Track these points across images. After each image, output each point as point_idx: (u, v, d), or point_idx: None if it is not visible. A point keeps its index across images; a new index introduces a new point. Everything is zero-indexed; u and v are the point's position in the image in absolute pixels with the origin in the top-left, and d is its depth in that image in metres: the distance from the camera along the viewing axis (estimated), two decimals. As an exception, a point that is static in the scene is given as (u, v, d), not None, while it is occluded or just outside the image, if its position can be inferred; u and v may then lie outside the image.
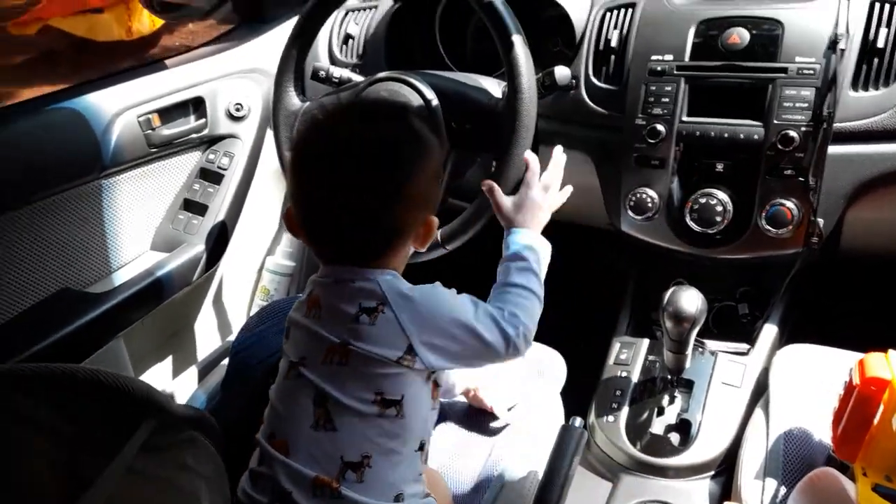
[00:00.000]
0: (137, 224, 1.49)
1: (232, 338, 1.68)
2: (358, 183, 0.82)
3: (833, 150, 1.14)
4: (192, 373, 1.62)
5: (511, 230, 1.03)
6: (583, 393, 1.30)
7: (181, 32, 4.94)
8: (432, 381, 0.88)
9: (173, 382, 1.60)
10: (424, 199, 0.87)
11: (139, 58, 4.75)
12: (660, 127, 1.21)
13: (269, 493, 0.84)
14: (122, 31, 4.70)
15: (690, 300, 1.14)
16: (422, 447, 0.87)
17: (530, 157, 1.09)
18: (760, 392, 1.20)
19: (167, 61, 1.58)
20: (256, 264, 1.76)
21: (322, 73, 1.35)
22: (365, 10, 1.59)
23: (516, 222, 1.04)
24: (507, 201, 1.06)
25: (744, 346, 1.31)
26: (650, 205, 1.25)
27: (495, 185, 1.07)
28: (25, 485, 0.58)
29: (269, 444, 0.85)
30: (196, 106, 1.55)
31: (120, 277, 1.44)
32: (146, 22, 4.73)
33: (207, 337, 1.67)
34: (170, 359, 1.61)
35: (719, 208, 1.20)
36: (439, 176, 0.91)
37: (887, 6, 1.13)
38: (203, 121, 1.55)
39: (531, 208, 1.05)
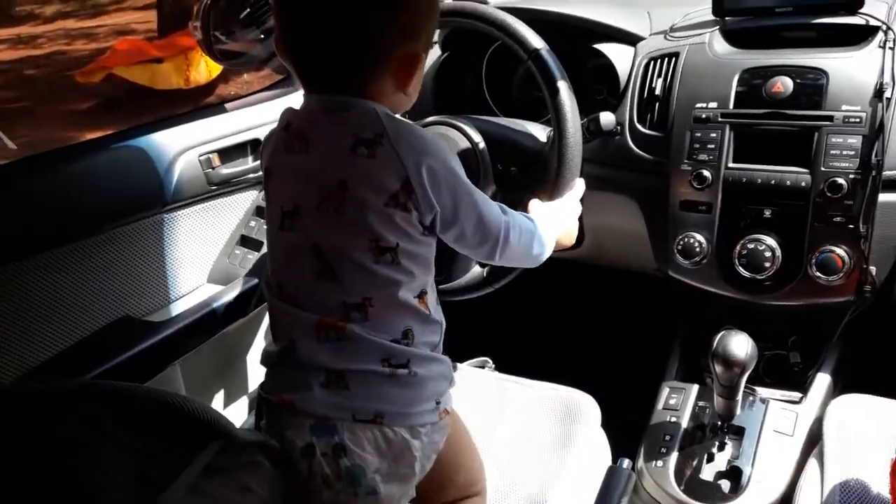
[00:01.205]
0: (196, 257, 1.55)
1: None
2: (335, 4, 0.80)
3: (884, 197, 1.14)
4: (243, 402, 1.65)
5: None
6: (630, 436, 1.29)
7: (236, 82, 5.15)
8: (433, 235, 0.88)
9: (226, 411, 1.63)
10: (409, 29, 0.84)
11: (196, 105, 4.96)
12: (706, 173, 1.23)
13: (280, 344, 0.87)
14: (180, 80, 4.92)
15: (740, 345, 1.14)
16: (422, 295, 0.87)
17: (578, 180, 1.15)
18: (814, 442, 1.18)
19: (227, 105, 1.66)
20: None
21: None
22: (416, 58, 1.65)
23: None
24: (538, 202, 1.12)
25: (796, 395, 1.29)
26: (698, 249, 1.26)
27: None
28: (100, 494, 0.61)
29: (279, 297, 0.88)
30: (254, 147, 1.61)
31: (178, 308, 1.48)
32: (203, 72, 4.95)
33: (260, 368, 1.70)
34: (223, 387, 1.64)
35: (768, 254, 1.20)
36: (434, 14, 0.89)
37: (934, 55, 1.13)
38: (260, 161, 1.62)
39: (557, 213, 1.10)
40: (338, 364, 0.83)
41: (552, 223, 1.07)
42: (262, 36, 1.83)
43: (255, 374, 1.70)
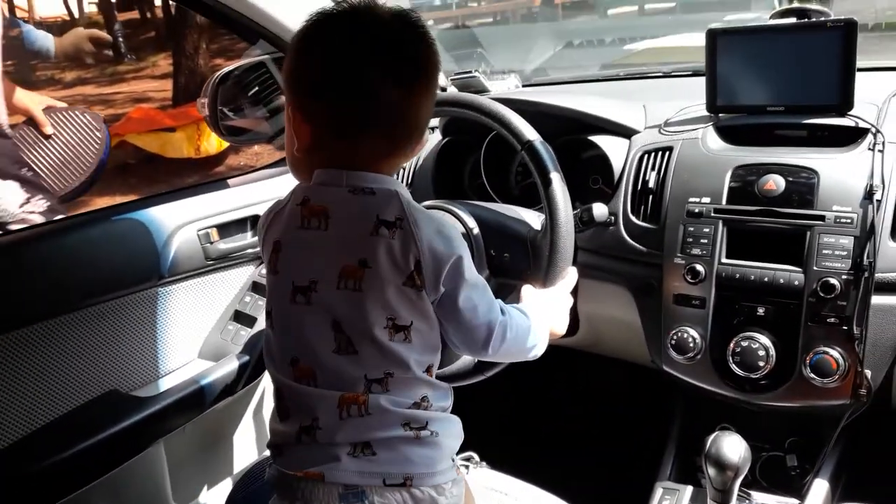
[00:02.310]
0: (188, 332, 1.54)
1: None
2: (381, 59, 0.84)
3: (878, 300, 1.13)
4: (227, 484, 1.61)
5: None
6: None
7: (246, 153, 5.25)
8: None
9: (208, 493, 1.59)
10: (421, 118, 0.90)
11: (205, 175, 5.05)
12: (699, 267, 1.23)
13: (299, 423, 0.87)
14: (191, 150, 5.02)
15: (733, 447, 1.11)
16: (429, 369, 0.91)
17: (571, 269, 1.17)
18: (811, 551, 1.14)
19: (229, 180, 1.69)
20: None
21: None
22: (417, 142, 1.69)
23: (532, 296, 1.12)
24: (530, 289, 1.14)
25: (793, 501, 1.26)
26: (692, 345, 1.24)
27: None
28: None
29: (291, 374, 0.88)
30: (254, 223, 1.63)
31: (166, 383, 1.47)
32: (214, 142, 5.06)
33: (245, 448, 1.68)
34: (207, 468, 1.61)
35: (762, 353, 1.19)
36: (433, 100, 0.93)
37: (923, 161, 1.15)
38: (258, 236, 1.63)
39: (550, 303, 1.12)
40: (363, 435, 0.86)
41: (545, 314, 1.08)
42: (269, 114, 1.88)
43: (241, 454, 1.66)
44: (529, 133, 1.19)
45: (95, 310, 1.37)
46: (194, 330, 1.56)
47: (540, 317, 1.05)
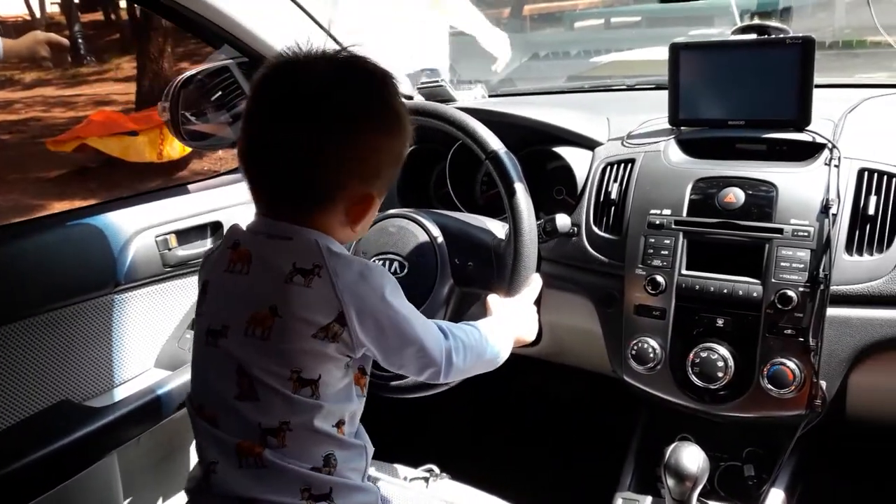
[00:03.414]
0: (143, 341, 1.51)
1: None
2: (299, 121, 0.81)
3: (832, 311, 1.15)
4: (181, 497, 1.57)
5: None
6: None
7: (210, 158, 5.18)
8: (357, 369, 0.88)
9: (161, 506, 1.56)
10: (368, 170, 0.85)
11: (167, 179, 4.98)
12: (660, 278, 1.24)
13: (202, 468, 0.85)
14: (153, 154, 4.94)
15: (692, 458, 1.12)
16: (340, 424, 0.87)
17: (535, 276, 1.17)
18: (766, 560, 1.15)
19: (190, 186, 1.66)
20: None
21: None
22: (382, 150, 1.68)
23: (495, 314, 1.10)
24: (496, 298, 1.13)
25: (750, 511, 1.27)
26: (652, 355, 1.25)
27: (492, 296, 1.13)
28: None
29: (199, 416, 0.86)
30: (213, 229, 1.60)
31: (120, 393, 1.44)
32: (177, 146, 4.99)
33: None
34: (162, 480, 1.57)
35: (720, 364, 1.20)
36: (397, 162, 0.89)
37: (875, 175, 1.17)
38: (219, 244, 1.60)
39: (514, 311, 1.11)
40: (254, 492, 0.82)
41: (509, 322, 1.08)
42: (232, 119, 1.86)
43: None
44: (494, 143, 1.19)
45: (48, 317, 1.33)
46: (150, 338, 1.53)
47: (500, 325, 1.04)
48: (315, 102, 0.82)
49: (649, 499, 1.31)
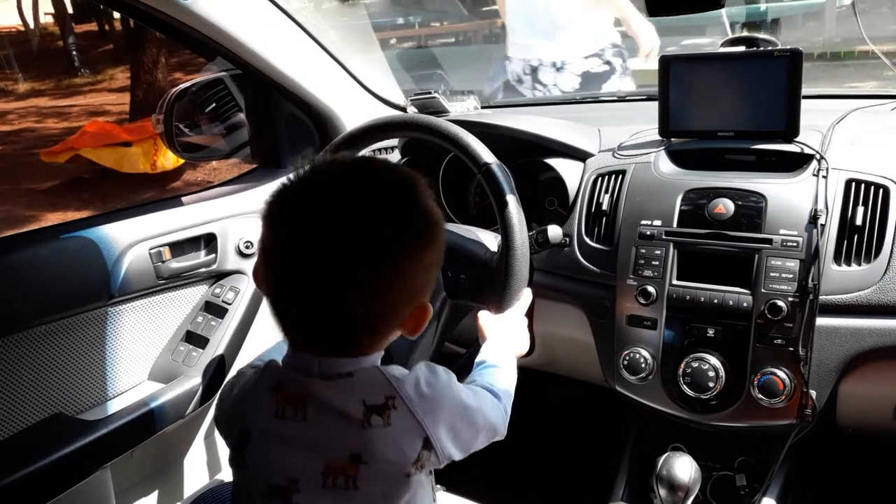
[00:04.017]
0: (137, 353, 1.51)
1: (221, 475, 1.65)
2: (333, 269, 0.72)
3: (822, 321, 1.16)
4: (175, 510, 1.57)
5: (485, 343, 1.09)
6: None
7: (204, 169, 5.19)
8: (431, 472, 0.84)
9: (156, 520, 1.55)
10: (415, 290, 0.77)
11: (161, 190, 4.97)
12: (651, 289, 1.25)
13: None
14: (147, 165, 4.94)
15: (684, 468, 1.13)
16: None
17: (526, 291, 1.17)
18: (758, 568, 1.16)
19: (184, 198, 1.66)
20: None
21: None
22: (376, 162, 1.69)
23: (491, 337, 1.10)
24: (487, 314, 1.13)
25: (742, 520, 1.27)
26: (643, 365, 1.26)
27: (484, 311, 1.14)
28: None
29: None
30: (207, 242, 1.60)
31: (114, 406, 1.43)
32: (171, 157, 4.99)
33: (196, 473, 1.64)
34: (156, 494, 1.56)
35: (711, 373, 1.21)
36: (439, 265, 0.81)
37: (863, 186, 1.19)
38: (213, 256, 1.60)
39: (508, 326, 1.12)
40: None
41: (508, 341, 1.09)
42: (225, 131, 1.87)
43: (192, 478, 1.62)
44: (486, 156, 1.20)
45: (42, 330, 1.33)
46: (144, 351, 1.52)
47: (501, 348, 1.06)
48: (354, 228, 0.73)
49: (642, 509, 1.31)
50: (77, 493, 1.31)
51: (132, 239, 1.47)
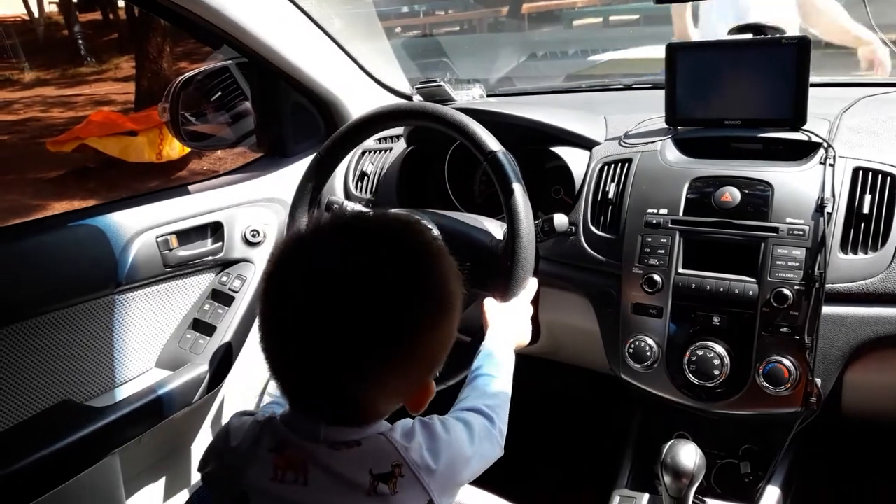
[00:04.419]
0: (145, 341, 1.52)
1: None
2: (337, 332, 0.68)
3: (828, 310, 1.16)
4: (183, 496, 1.58)
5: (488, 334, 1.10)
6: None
7: (209, 158, 5.19)
8: None
9: (164, 504, 1.57)
10: (429, 360, 0.75)
11: (166, 179, 4.98)
12: (657, 277, 1.25)
13: None
14: (152, 155, 4.94)
15: (688, 455, 1.13)
16: None
17: (531, 279, 1.17)
18: (761, 558, 1.16)
19: (190, 186, 1.66)
20: (259, 388, 1.76)
21: (336, 207, 1.42)
22: (381, 151, 1.69)
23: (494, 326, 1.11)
24: (493, 302, 1.14)
25: (745, 508, 1.27)
26: (649, 353, 1.26)
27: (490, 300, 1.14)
28: None
29: None
30: (214, 230, 1.61)
31: (122, 393, 1.44)
32: (176, 147, 4.99)
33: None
34: (164, 479, 1.58)
35: (717, 362, 1.21)
36: (452, 333, 0.77)
37: (870, 174, 1.18)
38: (220, 244, 1.61)
39: (513, 315, 1.13)
40: None
41: (509, 332, 1.10)
42: (231, 119, 1.87)
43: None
44: (493, 144, 1.19)
45: (49, 318, 1.34)
46: (152, 338, 1.53)
47: (506, 344, 1.07)
48: (354, 300, 0.69)
49: (646, 496, 1.32)
50: (86, 479, 1.32)
51: (139, 227, 1.48)
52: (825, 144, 1.23)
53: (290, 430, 0.75)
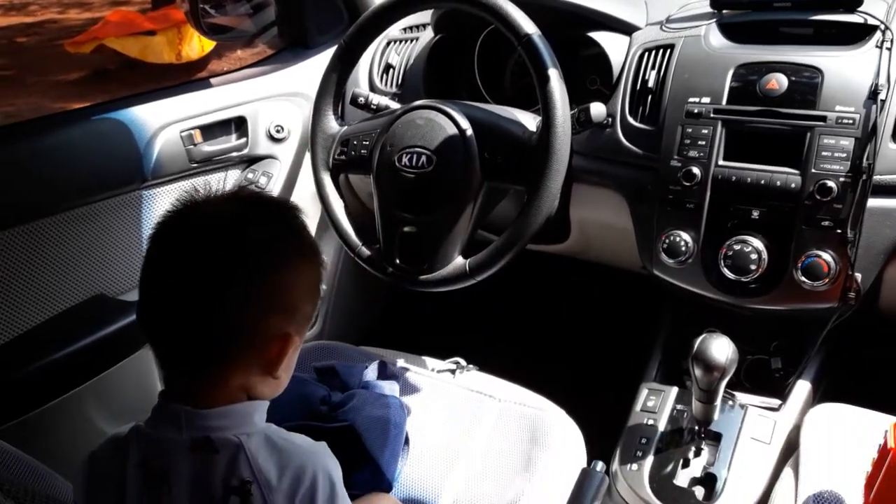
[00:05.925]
0: (173, 236, 1.52)
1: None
2: (195, 259, 0.71)
3: (873, 202, 1.11)
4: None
5: None
6: (606, 435, 1.27)
7: (229, 58, 5.08)
8: None
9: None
10: (280, 305, 0.74)
11: (187, 79, 4.90)
12: (695, 170, 1.20)
13: None
14: (172, 55, 4.85)
15: (721, 349, 1.11)
16: None
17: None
18: (791, 450, 1.16)
19: (212, 80, 1.63)
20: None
21: (361, 100, 1.37)
22: (406, 41, 1.62)
23: None
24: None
25: (775, 402, 1.27)
26: (683, 248, 1.23)
27: None
28: None
29: None
30: (238, 125, 1.58)
31: (152, 288, 1.46)
32: (196, 47, 4.88)
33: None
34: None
35: (754, 256, 1.18)
36: (313, 295, 0.78)
37: (932, 57, 1.11)
38: (244, 140, 1.59)
39: None
40: None
41: None
42: (252, 10, 1.81)
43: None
44: (528, 26, 1.13)
45: (78, 212, 1.34)
46: (181, 234, 1.54)
47: None
48: (211, 240, 0.72)
49: (675, 389, 1.32)
50: (122, 369, 1.36)
51: (163, 121, 1.46)
52: (882, 27, 1.15)
53: (151, 430, 0.74)
